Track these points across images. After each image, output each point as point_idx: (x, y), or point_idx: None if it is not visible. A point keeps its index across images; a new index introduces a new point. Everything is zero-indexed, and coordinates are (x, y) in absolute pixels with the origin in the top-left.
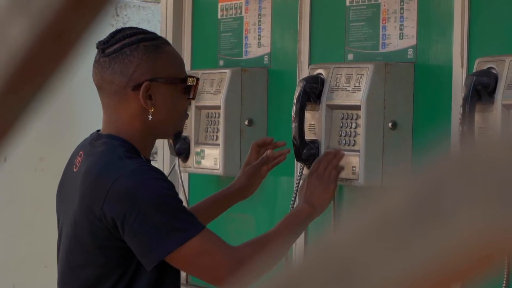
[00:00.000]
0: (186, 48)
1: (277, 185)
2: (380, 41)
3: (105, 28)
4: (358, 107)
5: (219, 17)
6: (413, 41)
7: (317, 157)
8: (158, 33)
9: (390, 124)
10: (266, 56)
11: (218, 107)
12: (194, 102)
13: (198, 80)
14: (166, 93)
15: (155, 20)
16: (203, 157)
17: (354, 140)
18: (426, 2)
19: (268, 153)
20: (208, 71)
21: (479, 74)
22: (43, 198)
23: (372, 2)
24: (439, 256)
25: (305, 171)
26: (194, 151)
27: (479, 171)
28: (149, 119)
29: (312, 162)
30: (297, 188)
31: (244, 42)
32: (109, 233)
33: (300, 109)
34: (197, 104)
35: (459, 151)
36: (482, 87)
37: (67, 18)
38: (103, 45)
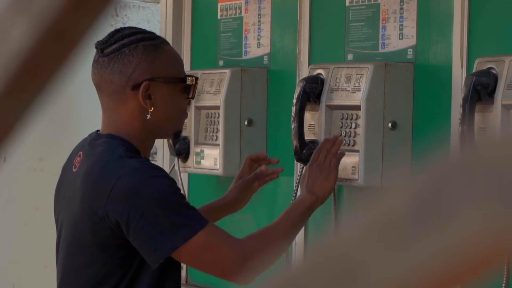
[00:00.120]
0: (186, 48)
1: (277, 185)
2: (380, 41)
3: (105, 28)
4: (358, 107)
5: (219, 17)
6: (413, 41)
7: (317, 146)
8: (158, 33)
9: (390, 124)
10: (266, 56)
11: (218, 107)
12: (194, 102)
13: (197, 80)
14: (165, 93)
15: (155, 20)
16: (203, 157)
17: (354, 140)
18: (426, 2)
19: (262, 169)
20: (208, 71)
21: (479, 74)
22: (43, 198)
23: (372, 2)
24: (441, 257)
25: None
26: (194, 151)
27: (480, 172)
28: (148, 119)
29: None
30: (297, 188)
31: (244, 42)
32: (112, 232)
33: (300, 109)
34: (197, 104)
35: (460, 152)
36: (482, 87)
37: (69, 18)
38: (102, 45)
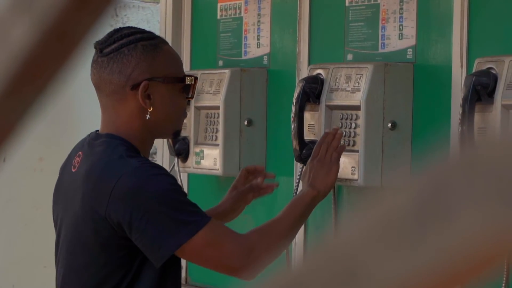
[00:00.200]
0: (186, 48)
1: None
2: (380, 41)
3: (104, 28)
4: (358, 107)
5: (219, 17)
6: (413, 41)
7: (317, 140)
8: (158, 34)
9: (390, 124)
10: (266, 56)
11: (218, 107)
12: (194, 102)
13: (197, 79)
14: (165, 92)
15: (155, 20)
16: (203, 157)
17: (354, 140)
18: (426, 3)
19: (258, 182)
20: (208, 71)
21: (479, 74)
22: (43, 198)
23: (372, 2)
24: (441, 257)
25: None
26: (194, 151)
27: (481, 172)
28: (147, 118)
29: None
30: (297, 188)
31: (244, 42)
32: (113, 232)
33: (300, 109)
34: (197, 104)
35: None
36: (482, 87)
37: (70, 19)
38: (101, 45)
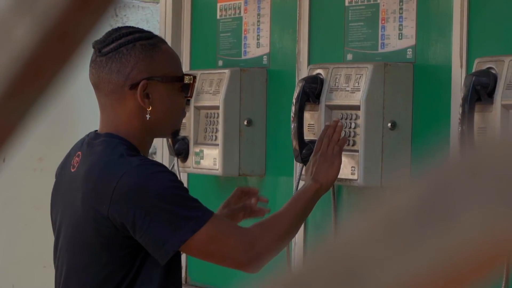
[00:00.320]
0: (185, 48)
1: (277, 185)
2: (379, 41)
3: (104, 29)
4: (357, 107)
5: (218, 17)
6: (412, 41)
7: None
8: (157, 34)
9: (390, 124)
10: (265, 56)
11: (217, 107)
12: (193, 102)
13: (195, 78)
14: (163, 92)
15: (154, 20)
16: (202, 157)
17: (354, 140)
18: (425, 2)
19: (252, 203)
20: (207, 71)
21: (479, 74)
22: (42, 198)
23: (371, 2)
24: (443, 257)
25: (304, 171)
26: (193, 151)
27: (482, 173)
28: (147, 118)
29: None
30: (297, 188)
31: (243, 42)
32: (115, 231)
33: (299, 109)
34: (196, 104)
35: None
36: (482, 87)
37: (72, 19)
38: (100, 45)
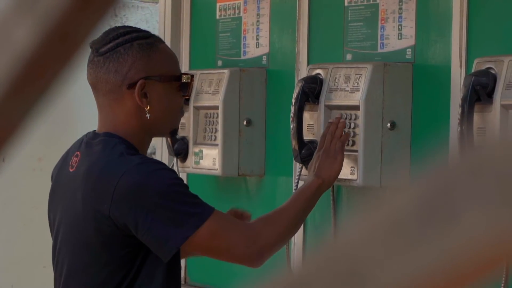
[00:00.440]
0: (185, 48)
1: (276, 186)
2: (379, 41)
3: (104, 29)
4: (357, 107)
5: (218, 17)
6: (412, 41)
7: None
8: (156, 34)
9: (389, 125)
10: (265, 56)
11: (217, 107)
12: (193, 102)
13: (193, 77)
14: (161, 91)
15: (154, 20)
16: (202, 157)
17: (353, 141)
18: (425, 2)
19: None
20: (207, 71)
21: (478, 74)
22: (42, 198)
23: (371, 2)
24: (445, 258)
25: (304, 171)
26: (193, 151)
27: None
28: (147, 117)
29: None
30: (296, 188)
31: (243, 42)
32: (116, 230)
33: (299, 109)
34: (196, 104)
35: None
36: (481, 87)
37: (73, 20)
38: (97, 45)
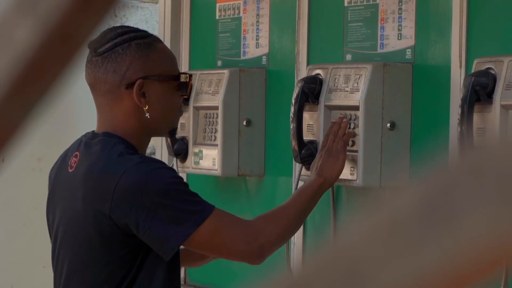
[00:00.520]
0: (184, 49)
1: (276, 186)
2: (379, 42)
3: (104, 29)
4: (357, 108)
5: (217, 18)
6: (412, 42)
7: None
8: (156, 34)
9: (389, 125)
10: (264, 57)
11: (216, 108)
12: (192, 103)
13: (191, 77)
14: (160, 91)
15: (153, 21)
16: (201, 158)
17: (353, 141)
18: (425, 3)
19: None
20: (206, 72)
21: (478, 75)
22: (41, 198)
23: (370, 3)
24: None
25: (304, 172)
26: (192, 152)
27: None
28: (146, 117)
29: (311, 163)
30: (296, 188)
31: (242, 43)
32: (117, 229)
33: (299, 110)
34: (195, 105)
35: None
36: (481, 88)
37: (74, 20)
38: (95, 45)
